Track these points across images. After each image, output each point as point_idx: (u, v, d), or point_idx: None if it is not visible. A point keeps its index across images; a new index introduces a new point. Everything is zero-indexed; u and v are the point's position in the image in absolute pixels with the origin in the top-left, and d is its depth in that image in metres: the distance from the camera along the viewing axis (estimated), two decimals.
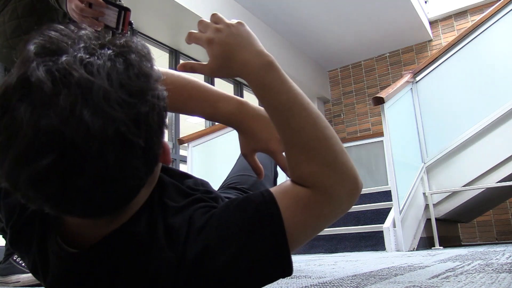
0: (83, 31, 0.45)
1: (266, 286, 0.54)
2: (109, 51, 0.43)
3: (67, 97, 0.37)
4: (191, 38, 0.63)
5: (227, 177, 1.09)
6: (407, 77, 3.36)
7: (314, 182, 0.52)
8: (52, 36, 0.42)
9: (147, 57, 0.45)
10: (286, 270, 0.51)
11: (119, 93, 0.40)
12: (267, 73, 0.56)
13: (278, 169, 1.09)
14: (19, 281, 1.20)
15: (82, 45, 0.42)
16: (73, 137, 0.37)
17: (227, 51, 0.60)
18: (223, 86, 5.54)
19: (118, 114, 0.39)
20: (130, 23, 0.91)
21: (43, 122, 0.37)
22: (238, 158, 1.17)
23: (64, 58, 0.40)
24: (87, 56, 0.41)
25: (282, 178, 0.91)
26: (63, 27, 0.44)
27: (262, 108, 0.73)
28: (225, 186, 1.04)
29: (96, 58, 0.41)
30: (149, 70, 0.44)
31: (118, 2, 0.96)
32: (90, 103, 0.38)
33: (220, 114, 0.74)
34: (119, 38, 0.46)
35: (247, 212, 0.51)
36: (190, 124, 7.47)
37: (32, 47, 0.41)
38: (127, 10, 0.91)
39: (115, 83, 0.40)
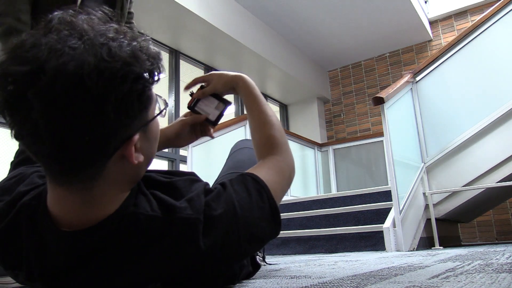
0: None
1: (268, 286, 0.54)
2: (122, 31, 0.51)
3: (63, 35, 0.46)
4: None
5: (218, 176, 1.12)
6: (407, 77, 3.36)
7: (273, 141, 0.79)
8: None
9: (155, 57, 0.53)
10: (278, 226, 0.68)
11: (102, 52, 0.46)
12: (251, 84, 0.87)
13: None
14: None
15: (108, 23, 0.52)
16: (46, 61, 0.44)
17: (220, 74, 0.90)
18: None
19: (89, 59, 0.45)
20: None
21: (35, 43, 0.46)
22: (228, 157, 1.19)
23: (84, 16, 0.50)
24: (101, 23, 0.50)
25: None
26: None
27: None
28: (218, 184, 1.05)
29: (106, 27, 0.50)
30: (141, 56, 0.50)
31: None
32: (75, 45, 0.46)
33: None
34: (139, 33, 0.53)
35: (249, 188, 0.66)
36: None
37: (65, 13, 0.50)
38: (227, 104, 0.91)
39: (106, 45, 0.47)
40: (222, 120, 0.97)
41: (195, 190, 0.63)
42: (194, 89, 0.91)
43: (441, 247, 2.87)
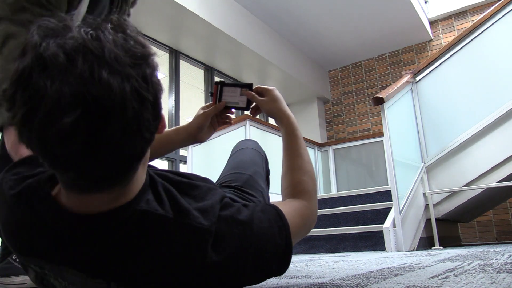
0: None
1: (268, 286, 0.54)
2: (108, 25, 0.47)
3: (84, 62, 0.42)
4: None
5: (220, 176, 1.11)
6: (407, 77, 3.36)
7: (303, 187, 0.78)
8: (51, 21, 0.46)
9: (138, 32, 0.51)
10: (286, 265, 0.66)
11: (126, 57, 0.45)
12: (294, 124, 0.88)
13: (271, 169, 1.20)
14: (25, 283, 1.08)
15: (81, 23, 0.47)
16: (96, 95, 0.41)
17: (277, 97, 0.91)
18: None
19: (130, 72, 0.44)
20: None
21: (64, 86, 0.41)
22: (229, 158, 1.19)
23: (70, 34, 0.45)
24: (90, 29, 0.46)
25: (274, 174, 0.94)
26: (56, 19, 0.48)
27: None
28: (219, 185, 1.05)
29: (99, 30, 0.46)
30: (143, 41, 0.49)
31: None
32: (105, 65, 0.43)
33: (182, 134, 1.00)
34: (113, 16, 0.50)
35: (271, 220, 0.65)
36: None
37: (35, 34, 0.44)
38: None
39: (120, 49, 0.45)
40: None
41: (210, 199, 0.62)
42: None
43: (441, 247, 2.87)
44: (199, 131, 0.95)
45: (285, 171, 0.83)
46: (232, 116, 0.99)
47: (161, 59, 4.70)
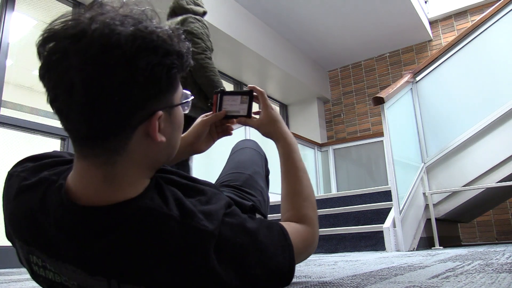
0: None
1: None
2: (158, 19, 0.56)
3: (105, 10, 0.52)
4: (258, 91, 0.89)
5: (219, 176, 1.12)
6: (407, 77, 3.36)
7: (305, 212, 0.77)
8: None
9: (185, 46, 0.57)
10: (286, 284, 0.66)
11: (140, 25, 0.52)
12: (292, 145, 0.86)
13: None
14: None
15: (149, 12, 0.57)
16: (87, 26, 0.50)
17: (274, 119, 0.88)
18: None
19: (127, 27, 0.51)
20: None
21: (80, 13, 0.52)
22: (229, 157, 1.19)
23: (121, 3, 0.55)
24: (139, 11, 0.55)
25: (274, 174, 0.94)
26: None
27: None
28: (219, 184, 1.05)
29: (142, 10, 0.55)
30: (173, 38, 0.55)
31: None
32: (116, 17, 0.52)
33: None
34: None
35: (275, 238, 0.66)
36: None
37: None
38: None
39: (143, 22, 0.53)
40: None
41: (215, 204, 0.62)
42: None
43: (441, 247, 2.87)
44: (197, 140, 0.90)
45: (285, 195, 0.81)
46: (234, 126, 0.95)
47: None
